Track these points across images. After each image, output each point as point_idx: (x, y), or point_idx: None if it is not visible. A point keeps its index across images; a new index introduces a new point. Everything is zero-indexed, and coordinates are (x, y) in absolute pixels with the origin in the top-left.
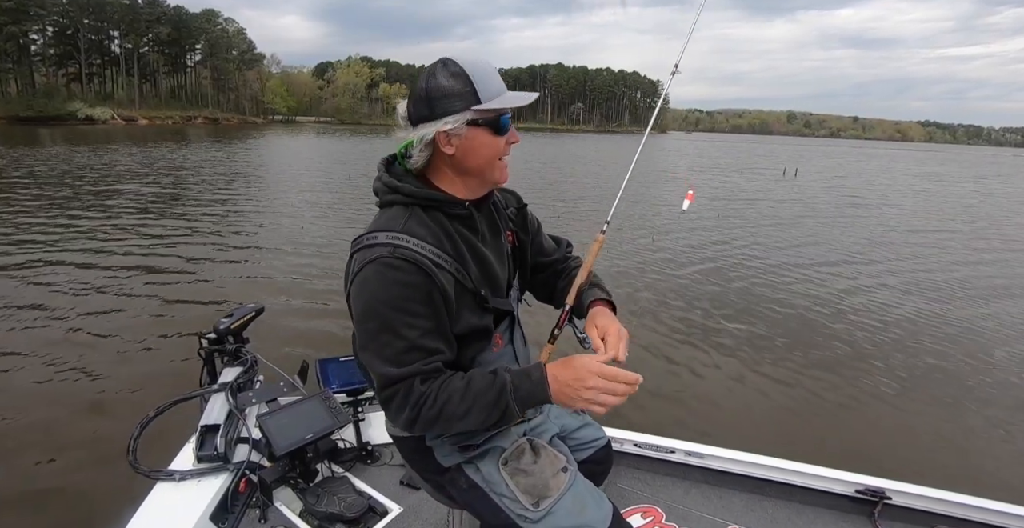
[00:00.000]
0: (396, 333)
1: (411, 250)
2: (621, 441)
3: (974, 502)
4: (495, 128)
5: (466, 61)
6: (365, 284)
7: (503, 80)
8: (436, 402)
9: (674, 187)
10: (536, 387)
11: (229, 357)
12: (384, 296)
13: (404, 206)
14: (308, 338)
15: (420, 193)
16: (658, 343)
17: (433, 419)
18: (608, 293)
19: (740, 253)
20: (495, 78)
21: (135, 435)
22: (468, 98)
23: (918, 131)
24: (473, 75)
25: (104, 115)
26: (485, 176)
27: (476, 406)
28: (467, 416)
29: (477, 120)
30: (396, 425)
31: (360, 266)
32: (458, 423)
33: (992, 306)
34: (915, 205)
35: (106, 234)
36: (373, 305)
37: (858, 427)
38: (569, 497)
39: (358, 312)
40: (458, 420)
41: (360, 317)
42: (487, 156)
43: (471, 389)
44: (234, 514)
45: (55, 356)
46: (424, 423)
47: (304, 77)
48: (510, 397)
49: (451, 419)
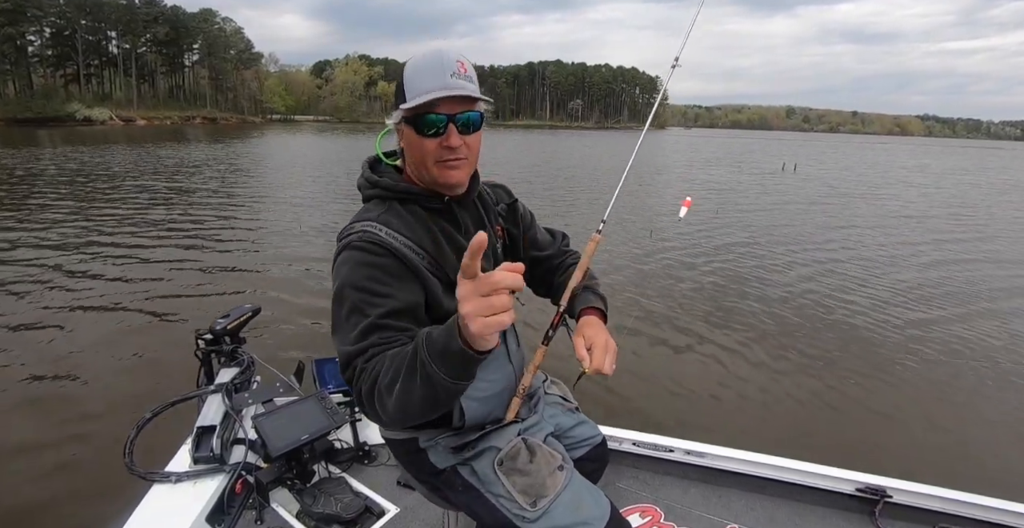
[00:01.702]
0: (362, 313)
1: (380, 235)
2: (620, 440)
3: (975, 500)
4: (416, 128)
5: (417, 58)
6: (339, 269)
7: (501, 76)
8: (371, 375)
9: (672, 187)
10: (447, 332)
11: (226, 358)
12: (353, 278)
13: (382, 200)
14: (305, 338)
15: (398, 187)
16: (658, 341)
17: (369, 395)
18: (602, 298)
19: (739, 249)
20: (432, 76)
21: (131, 437)
22: (401, 96)
23: (917, 125)
24: (408, 73)
25: (102, 116)
26: (422, 175)
27: (399, 372)
28: (393, 386)
29: (408, 118)
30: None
31: (336, 253)
32: (390, 399)
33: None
34: (917, 199)
35: (101, 234)
36: (343, 288)
37: (858, 424)
38: (566, 495)
39: (333, 297)
40: (388, 394)
41: (334, 302)
42: (417, 156)
43: (398, 353)
44: (230, 515)
45: (50, 356)
46: (367, 403)
47: (302, 76)
48: (423, 351)
49: (382, 394)
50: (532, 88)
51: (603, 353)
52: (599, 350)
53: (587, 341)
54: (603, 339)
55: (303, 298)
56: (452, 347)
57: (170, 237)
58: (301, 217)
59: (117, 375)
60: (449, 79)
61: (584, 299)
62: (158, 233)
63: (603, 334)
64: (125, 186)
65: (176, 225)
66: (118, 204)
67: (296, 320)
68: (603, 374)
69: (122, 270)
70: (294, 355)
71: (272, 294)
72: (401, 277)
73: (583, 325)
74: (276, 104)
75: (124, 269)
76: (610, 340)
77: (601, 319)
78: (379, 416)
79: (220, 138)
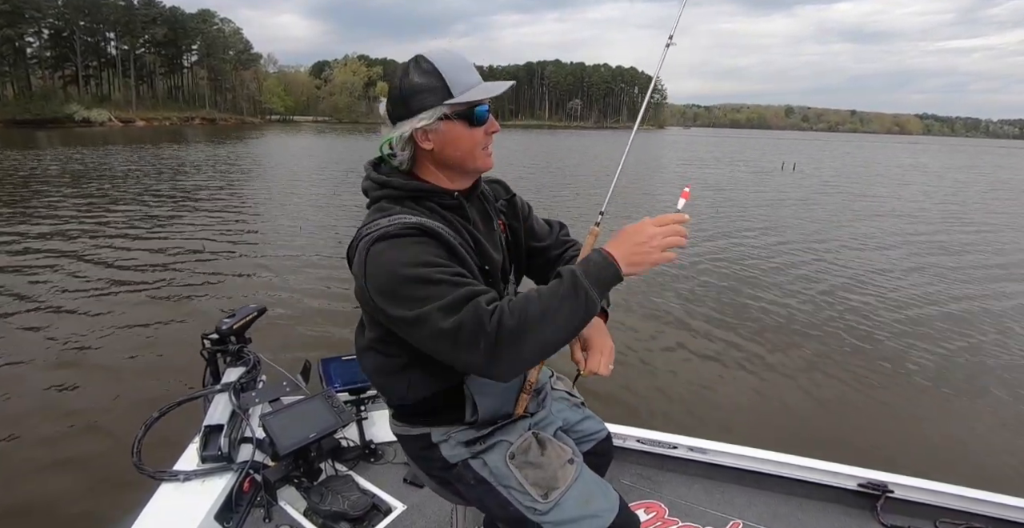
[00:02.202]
0: (433, 282)
1: (417, 220)
2: (624, 437)
3: (977, 495)
4: (470, 120)
5: (437, 57)
6: (379, 259)
7: (501, 76)
8: (513, 312)
9: (671, 184)
10: (602, 265)
11: (232, 357)
12: (404, 259)
13: (394, 200)
14: (310, 337)
15: (409, 186)
16: (656, 340)
17: (516, 330)
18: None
19: (740, 249)
20: (468, 71)
21: (139, 436)
22: (441, 93)
23: (916, 124)
24: (444, 70)
25: (101, 117)
26: (467, 166)
27: (555, 302)
28: (547, 315)
29: (450, 114)
30: (481, 365)
31: (367, 248)
32: (545, 327)
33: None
34: (916, 196)
35: (105, 235)
36: (396, 272)
37: (859, 420)
38: (577, 488)
39: (384, 290)
40: (542, 322)
41: (389, 293)
42: (465, 148)
43: (541, 292)
44: (238, 513)
45: (57, 357)
46: (509, 338)
47: (301, 76)
48: (584, 281)
49: (535, 324)
50: (531, 88)
51: (598, 355)
52: (595, 352)
53: (583, 343)
54: (599, 341)
55: (309, 297)
56: (609, 272)
57: (173, 237)
58: (304, 216)
59: (125, 374)
60: (481, 79)
61: None
62: (161, 233)
63: (599, 336)
64: (125, 186)
65: (179, 225)
66: (120, 204)
67: (302, 319)
68: (599, 375)
69: (125, 270)
70: (300, 354)
71: (278, 294)
72: (449, 248)
73: None
74: (275, 105)
75: (127, 269)
76: (606, 341)
77: (601, 315)
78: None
79: (219, 139)
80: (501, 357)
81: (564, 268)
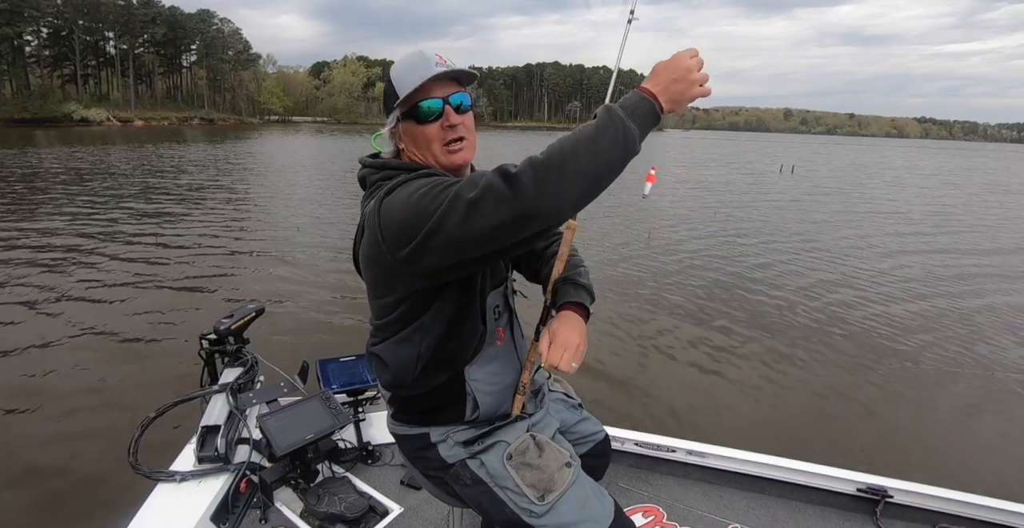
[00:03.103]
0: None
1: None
2: (622, 440)
3: (976, 500)
4: (416, 117)
5: (399, 61)
6: (392, 202)
7: (499, 78)
8: (544, 152)
9: (670, 185)
10: (636, 100)
11: (230, 358)
12: (416, 186)
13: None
14: (309, 338)
15: (407, 164)
16: (655, 339)
17: (549, 162)
18: (585, 287)
19: (738, 250)
20: (414, 70)
21: (136, 436)
22: (393, 96)
23: (914, 127)
24: (394, 74)
25: (99, 117)
26: (431, 163)
27: (589, 132)
28: (581, 145)
29: (400, 115)
30: (531, 198)
31: (379, 204)
32: (582, 157)
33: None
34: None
35: (104, 234)
36: (410, 198)
37: (859, 424)
38: (573, 492)
39: (405, 221)
40: (576, 152)
41: (411, 221)
42: (423, 145)
43: (575, 132)
44: (235, 514)
45: (53, 356)
46: (545, 170)
47: (300, 77)
48: (619, 112)
49: (571, 153)
50: (530, 89)
51: (560, 350)
52: (557, 347)
53: (550, 336)
54: (563, 337)
55: (308, 298)
56: (646, 105)
57: (171, 237)
58: (303, 216)
59: (121, 374)
60: (434, 67)
61: (564, 293)
62: (158, 234)
63: (568, 331)
64: (124, 186)
65: (178, 225)
66: (119, 204)
67: (301, 320)
68: (560, 370)
69: (123, 271)
70: (298, 355)
71: (277, 294)
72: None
73: (555, 320)
74: (274, 105)
75: (125, 269)
76: (573, 337)
77: (581, 312)
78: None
79: (219, 139)
80: (546, 188)
81: (603, 107)
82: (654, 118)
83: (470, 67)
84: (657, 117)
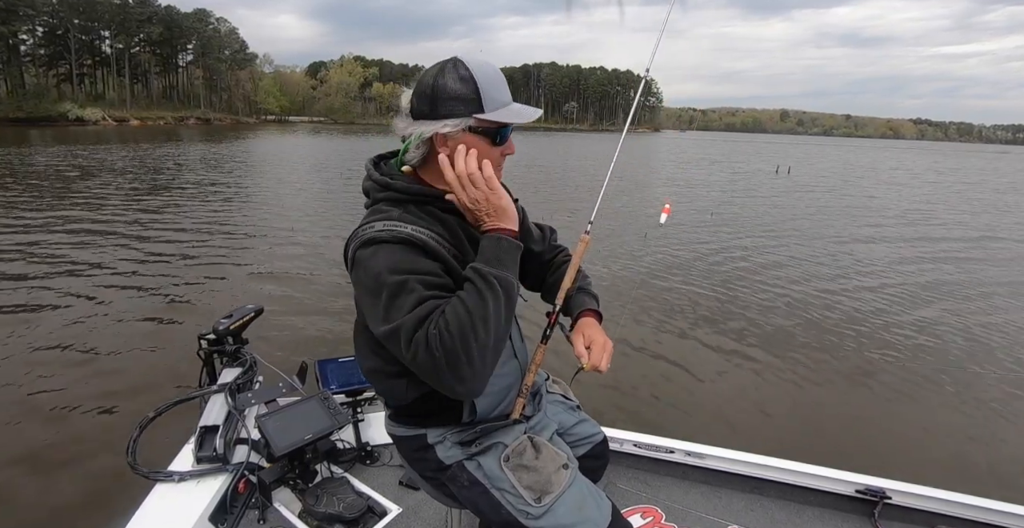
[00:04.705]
0: (410, 290)
1: (408, 231)
2: (621, 441)
3: (974, 502)
4: (493, 139)
5: (477, 66)
6: (367, 262)
7: None
8: (449, 327)
9: (668, 188)
10: (489, 244)
11: (228, 358)
12: (390, 263)
13: (396, 202)
14: (307, 339)
15: (413, 189)
16: (654, 340)
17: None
18: (596, 299)
19: (736, 253)
20: (502, 88)
21: (134, 436)
22: (472, 105)
23: (910, 128)
24: (481, 83)
25: (95, 116)
26: (443, 189)
27: (476, 299)
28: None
29: (477, 128)
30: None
31: (356, 250)
32: (482, 329)
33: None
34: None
35: (101, 234)
36: (381, 274)
37: (859, 425)
38: (570, 494)
39: (368, 290)
40: (476, 324)
41: (369, 293)
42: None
43: (459, 296)
44: (233, 515)
45: (52, 357)
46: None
47: (297, 77)
48: (487, 269)
49: (472, 328)
50: (527, 90)
51: (601, 351)
52: (598, 348)
53: (586, 340)
54: (602, 340)
55: (307, 298)
56: (499, 245)
57: (170, 238)
58: (301, 216)
59: (120, 374)
60: (509, 93)
61: (580, 301)
62: (156, 234)
63: (602, 334)
64: (123, 185)
65: (176, 225)
66: (118, 203)
67: (299, 320)
68: (599, 371)
69: (122, 271)
70: (297, 355)
71: (276, 294)
72: (436, 257)
73: (582, 325)
74: (270, 105)
75: (124, 270)
76: (608, 340)
77: (597, 319)
78: (470, 364)
79: (215, 139)
80: (445, 371)
81: (465, 271)
82: (509, 245)
83: None
84: (508, 241)
